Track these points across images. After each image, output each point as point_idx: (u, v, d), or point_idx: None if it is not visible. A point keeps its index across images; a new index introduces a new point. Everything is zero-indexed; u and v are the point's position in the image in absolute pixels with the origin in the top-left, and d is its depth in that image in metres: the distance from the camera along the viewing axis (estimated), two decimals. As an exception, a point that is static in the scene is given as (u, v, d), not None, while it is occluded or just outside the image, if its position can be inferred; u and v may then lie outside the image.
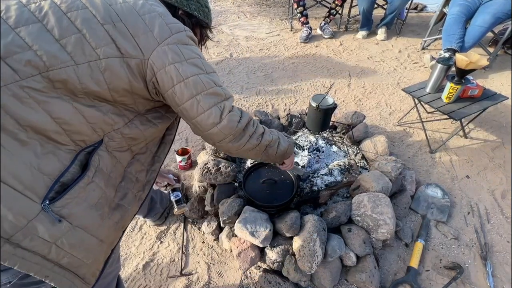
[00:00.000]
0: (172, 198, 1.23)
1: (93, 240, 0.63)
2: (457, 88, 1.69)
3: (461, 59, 1.61)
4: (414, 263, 1.29)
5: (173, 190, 1.26)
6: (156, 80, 0.65)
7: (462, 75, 1.69)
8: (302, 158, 1.59)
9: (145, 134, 0.72)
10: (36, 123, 0.53)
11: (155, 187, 1.23)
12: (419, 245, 1.35)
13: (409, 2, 3.25)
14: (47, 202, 0.54)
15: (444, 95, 1.77)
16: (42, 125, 0.53)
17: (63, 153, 0.57)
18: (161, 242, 1.45)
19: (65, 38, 0.56)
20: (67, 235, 0.57)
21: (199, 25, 0.85)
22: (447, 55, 2.43)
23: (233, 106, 0.75)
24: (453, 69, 1.74)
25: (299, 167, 1.34)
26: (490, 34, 2.76)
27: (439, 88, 1.85)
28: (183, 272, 1.32)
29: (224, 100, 0.72)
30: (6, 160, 0.49)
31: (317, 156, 1.63)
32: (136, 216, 1.51)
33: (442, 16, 2.95)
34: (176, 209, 1.21)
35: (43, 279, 0.56)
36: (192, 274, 1.32)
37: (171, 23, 0.67)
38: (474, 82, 1.79)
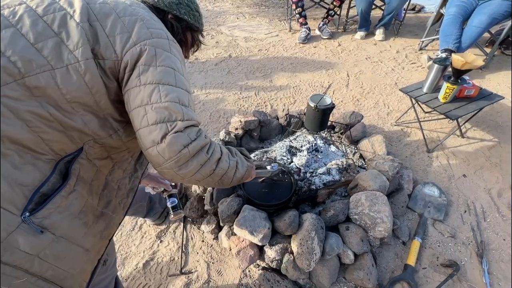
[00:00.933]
0: (169, 204, 1.23)
1: (78, 250, 0.61)
2: (454, 88, 1.71)
3: (457, 60, 1.63)
4: (411, 261, 1.31)
5: (170, 196, 1.25)
6: (122, 80, 0.61)
7: (458, 75, 1.71)
8: (300, 158, 1.61)
9: (127, 145, 0.70)
10: (12, 134, 0.50)
11: (152, 192, 1.23)
12: (416, 243, 1.37)
13: (407, 3, 3.27)
14: (27, 213, 0.51)
15: (440, 95, 1.79)
16: (19, 135, 0.51)
17: (42, 163, 0.55)
18: (161, 241, 1.46)
19: (41, 42, 0.53)
20: (51, 246, 0.55)
21: (190, 29, 0.83)
22: (444, 55, 2.46)
23: (187, 128, 0.61)
24: (450, 69, 1.76)
25: (266, 169, 1.25)
26: (487, 35, 2.79)
27: (436, 88, 1.87)
28: (183, 271, 1.33)
29: (180, 120, 0.60)
30: None
31: (316, 155, 1.65)
32: (136, 216, 1.52)
33: (439, 17, 2.97)
34: (172, 215, 1.21)
35: None
36: (192, 272, 1.33)
37: (153, 28, 0.64)
38: (470, 82, 1.82)
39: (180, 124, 0.59)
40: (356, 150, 1.77)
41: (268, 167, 1.26)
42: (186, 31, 0.83)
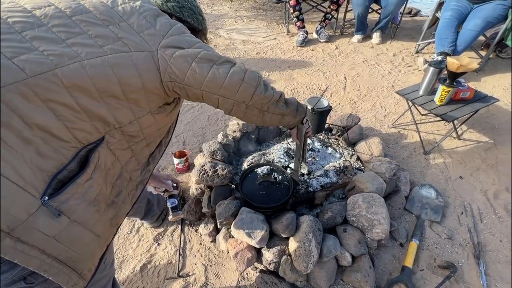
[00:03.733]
0: (168, 205, 1.24)
1: (90, 235, 0.64)
2: (449, 90, 1.73)
3: (452, 62, 1.65)
4: (409, 262, 1.31)
5: (170, 196, 1.26)
6: (171, 69, 0.68)
7: (453, 78, 1.73)
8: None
9: (144, 133, 0.74)
10: (41, 121, 0.54)
11: (153, 191, 1.24)
12: (413, 245, 1.37)
13: (403, 7, 3.31)
14: (46, 197, 0.55)
15: (436, 98, 1.81)
16: (46, 123, 0.54)
17: (65, 150, 0.58)
18: (158, 244, 1.45)
19: (71, 39, 0.58)
20: (66, 229, 0.58)
21: (193, 31, 0.87)
22: (440, 58, 2.48)
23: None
24: (445, 72, 1.78)
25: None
26: (482, 38, 2.82)
27: (431, 91, 1.89)
28: (180, 274, 1.33)
29: (235, 63, 0.77)
30: (8, 156, 0.50)
31: (313, 157, 1.65)
32: (133, 218, 1.52)
33: (435, 21, 3.01)
34: (171, 216, 1.22)
35: (41, 273, 0.56)
36: (189, 275, 1.33)
37: (167, 18, 0.73)
38: (466, 84, 1.84)
39: (238, 64, 0.77)
40: (353, 152, 1.78)
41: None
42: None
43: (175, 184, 1.31)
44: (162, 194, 1.28)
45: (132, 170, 0.77)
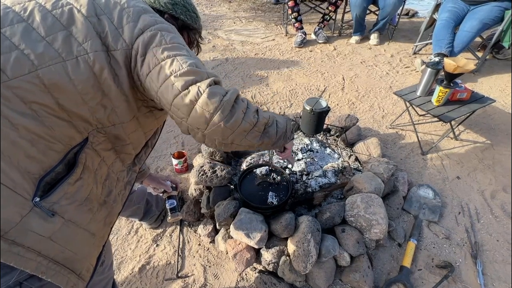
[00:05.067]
0: (167, 206, 1.24)
1: (85, 234, 0.64)
2: (446, 91, 1.74)
3: (449, 64, 1.67)
4: (407, 262, 1.32)
5: (169, 197, 1.26)
6: (138, 68, 0.63)
7: (450, 79, 1.74)
8: (296, 160, 1.62)
9: (130, 138, 0.72)
10: (26, 123, 0.53)
11: (152, 192, 1.24)
12: (411, 244, 1.38)
13: (401, 8, 3.33)
14: (37, 198, 0.54)
15: (434, 98, 1.82)
16: (31, 125, 0.53)
17: (53, 152, 0.57)
18: (157, 245, 1.45)
19: (51, 35, 0.56)
20: (61, 229, 0.58)
21: (186, 28, 0.85)
22: (437, 59, 2.50)
23: (215, 82, 0.64)
24: (442, 73, 1.79)
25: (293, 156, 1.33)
26: (478, 39, 2.85)
27: (429, 92, 1.90)
28: (179, 275, 1.33)
29: (206, 78, 0.63)
30: None
31: (312, 158, 1.66)
32: (132, 219, 1.52)
33: (432, 22, 3.03)
34: (169, 217, 1.22)
35: (39, 275, 0.56)
36: (188, 276, 1.33)
37: (155, 16, 0.68)
38: (463, 85, 1.85)
39: (208, 80, 0.62)
40: (351, 153, 1.79)
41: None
42: (182, 30, 0.85)
43: (174, 185, 1.31)
44: (161, 195, 1.28)
45: (118, 171, 0.77)
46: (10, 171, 0.51)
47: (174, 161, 1.78)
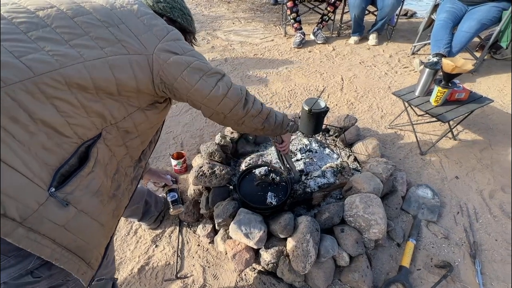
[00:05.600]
0: (169, 199, 1.26)
1: (96, 224, 0.68)
2: (444, 91, 1.75)
3: (447, 64, 1.67)
4: (406, 262, 1.32)
5: (170, 190, 1.28)
6: (163, 72, 0.72)
7: (448, 79, 1.75)
8: (295, 161, 1.62)
9: (138, 129, 0.77)
10: (45, 117, 0.57)
11: (153, 187, 1.25)
12: (410, 244, 1.38)
13: (399, 9, 3.34)
14: (53, 189, 0.57)
15: (432, 99, 1.83)
16: (50, 118, 0.57)
17: (67, 145, 0.61)
18: (156, 246, 1.45)
19: (73, 40, 0.61)
20: (74, 219, 0.61)
21: (183, 30, 0.91)
22: (435, 59, 2.51)
23: (231, 80, 0.85)
24: (441, 73, 1.80)
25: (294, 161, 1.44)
26: (477, 40, 2.86)
27: (427, 92, 1.90)
28: (178, 275, 1.33)
29: (224, 75, 0.83)
30: (17, 149, 0.53)
31: (311, 158, 1.66)
32: (131, 220, 1.52)
33: (430, 22, 3.04)
34: (172, 209, 1.23)
35: (53, 262, 0.59)
36: (188, 277, 1.32)
37: (164, 23, 0.77)
38: (461, 85, 1.86)
39: (226, 78, 0.83)
40: (350, 153, 1.79)
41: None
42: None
43: (174, 179, 1.32)
44: (162, 189, 1.30)
45: (126, 166, 0.81)
46: (29, 162, 0.54)
47: (173, 162, 1.78)
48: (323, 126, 1.76)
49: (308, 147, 1.74)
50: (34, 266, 0.61)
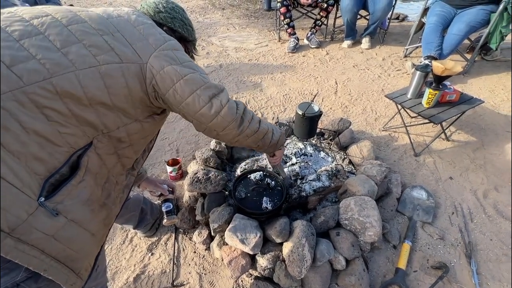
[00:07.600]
0: (163, 209, 1.25)
1: (86, 234, 0.67)
2: (435, 93, 1.78)
3: (437, 66, 1.70)
4: (402, 264, 1.32)
5: (165, 200, 1.27)
6: (155, 82, 0.71)
7: (439, 81, 1.77)
8: (290, 165, 1.63)
9: (131, 139, 0.76)
10: (36, 126, 0.56)
11: (149, 196, 1.24)
12: (406, 246, 1.39)
13: (391, 12, 3.40)
14: (42, 198, 0.57)
15: (424, 101, 1.85)
16: (41, 128, 0.57)
17: (58, 154, 0.60)
18: (152, 254, 1.44)
19: (66, 47, 0.61)
20: (64, 228, 0.61)
21: (183, 40, 0.91)
22: (427, 62, 2.55)
23: (228, 97, 0.82)
24: (431, 75, 1.83)
25: (284, 168, 1.44)
26: (467, 42, 2.91)
27: (419, 94, 1.93)
28: (174, 284, 1.31)
29: (220, 92, 0.80)
30: (7, 159, 0.53)
31: (306, 162, 1.67)
32: (127, 228, 1.51)
33: (421, 26, 3.09)
34: (165, 220, 1.22)
35: (41, 273, 0.58)
36: (184, 285, 1.31)
37: (162, 33, 0.76)
38: (451, 87, 1.89)
39: (223, 95, 0.80)
40: (345, 156, 1.80)
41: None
42: (180, 41, 0.90)
43: (170, 189, 1.31)
44: (158, 197, 1.29)
45: (117, 174, 0.80)
46: (18, 171, 0.54)
47: (169, 169, 1.78)
48: (318, 130, 1.77)
49: (303, 151, 1.75)
50: (21, 278, 0.60)
